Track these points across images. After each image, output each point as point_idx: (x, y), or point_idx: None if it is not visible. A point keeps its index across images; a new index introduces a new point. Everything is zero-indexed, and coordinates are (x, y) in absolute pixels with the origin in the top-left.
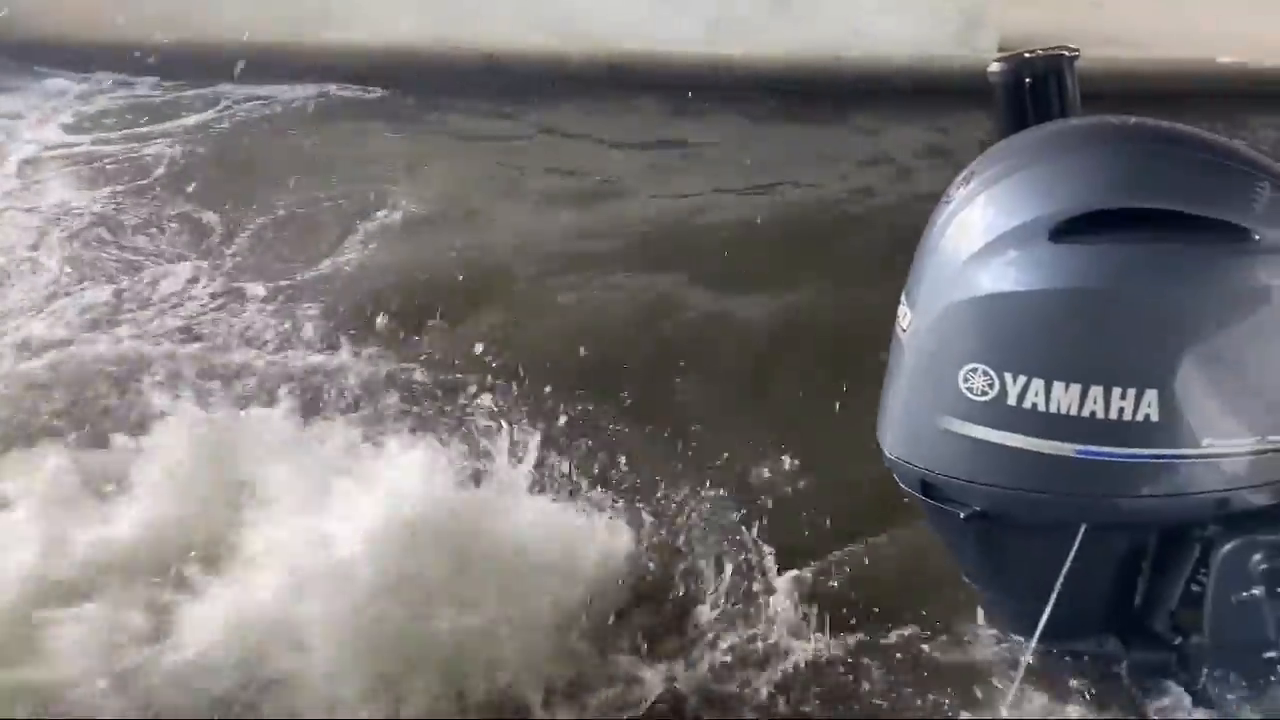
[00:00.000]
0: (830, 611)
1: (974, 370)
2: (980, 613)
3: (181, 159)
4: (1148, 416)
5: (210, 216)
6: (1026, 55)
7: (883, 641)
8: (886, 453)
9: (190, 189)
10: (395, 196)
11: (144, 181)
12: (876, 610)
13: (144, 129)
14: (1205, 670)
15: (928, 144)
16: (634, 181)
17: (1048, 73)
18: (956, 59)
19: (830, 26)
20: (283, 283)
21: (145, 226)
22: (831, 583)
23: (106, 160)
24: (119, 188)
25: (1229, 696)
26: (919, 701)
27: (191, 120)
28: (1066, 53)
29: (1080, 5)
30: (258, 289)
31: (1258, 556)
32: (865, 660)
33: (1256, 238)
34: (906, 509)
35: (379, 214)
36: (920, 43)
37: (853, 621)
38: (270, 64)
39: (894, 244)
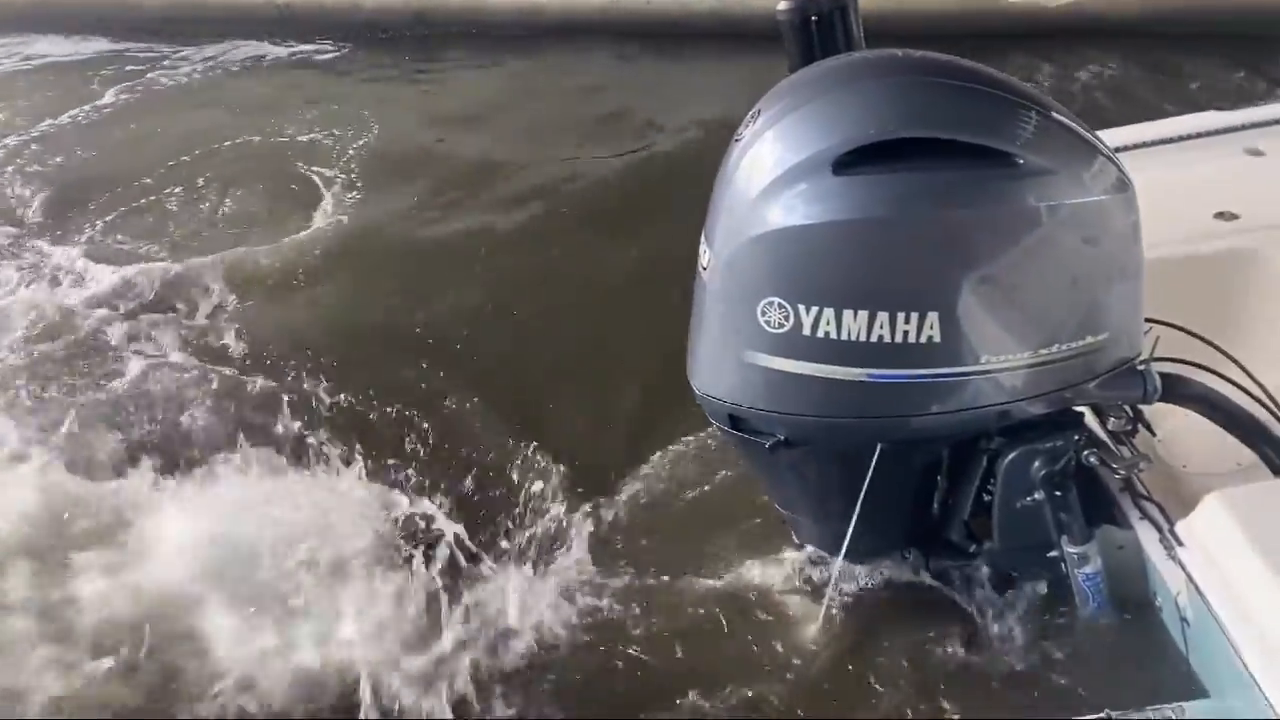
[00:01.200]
0: (646, 548)
1: (770, 304)
2: (793, 537)
3: None
4: (930, 338)
5: None
6: None
7: (701, 571)
8: (695, 390)
9: None
10: None
11: None
12: (693, 543)
13: None
14: (998, 572)
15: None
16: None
17: (832, 11)
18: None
19: None
20: None
21: None
22: (647, 519)
23: None
24: None
25: (1018, 594)
26: (738, 625)
27: None
28: None
29: None
30: None
31: (1037, 464)
32: (684, 591)
33: (1021, 162)
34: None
35: None
36: None
37: (670, 555)
38: None
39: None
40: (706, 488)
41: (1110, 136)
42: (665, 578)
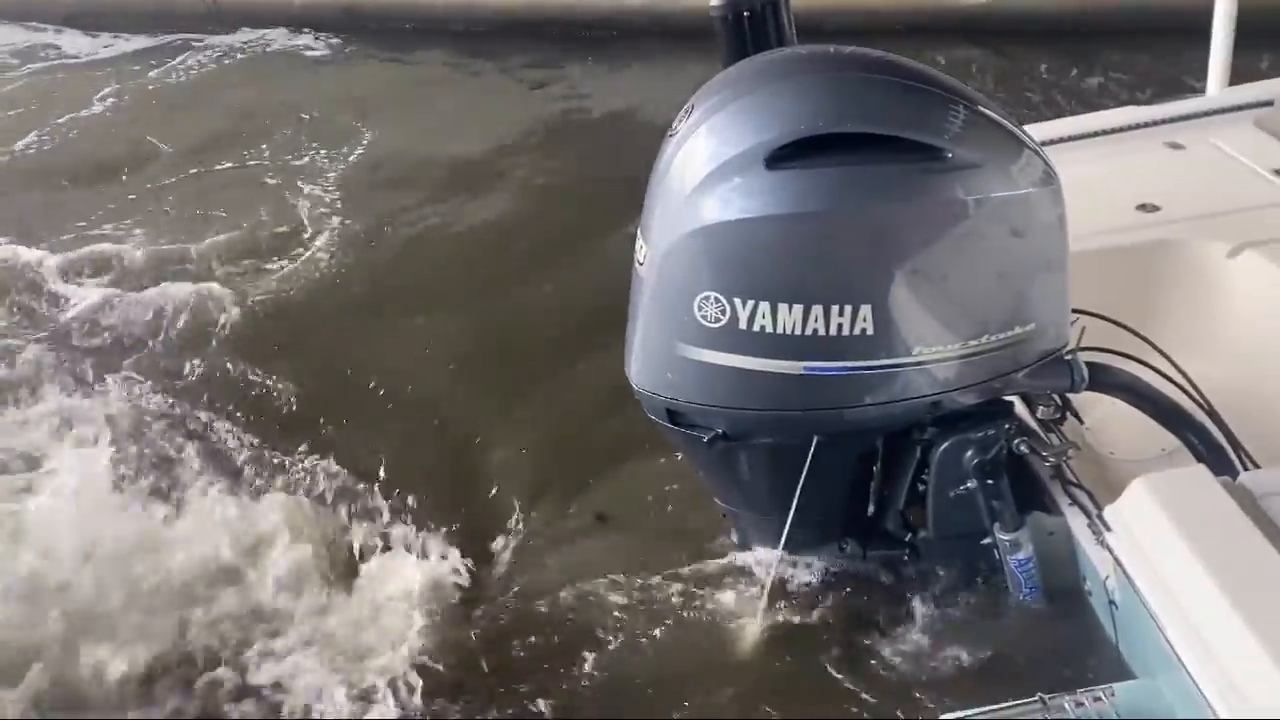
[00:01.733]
0: (583, 545)
1: (707, 298)
2: (732, 530)
3: None
4: (864, 330)
5: None
6: None
7: (641, 567)
8: (633, 385)
9: None
10: None
11: None
12: (632, 538)
13: None
14: (933, 560)
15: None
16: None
17: (764, 7)
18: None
19: None
20: None
21: None
22: (585, 518)
23: None
24: None
25: (953, 582)
26: (679, 619)
27: None
28: None
29: None
30: None
31: (969, 453)
32: (624, 586)
33: (950, 156)
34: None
35: None
36: None
37: (609, 551)
38: None
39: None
40: (645, 484)
41: (1036, 131)
42: (605, 574)
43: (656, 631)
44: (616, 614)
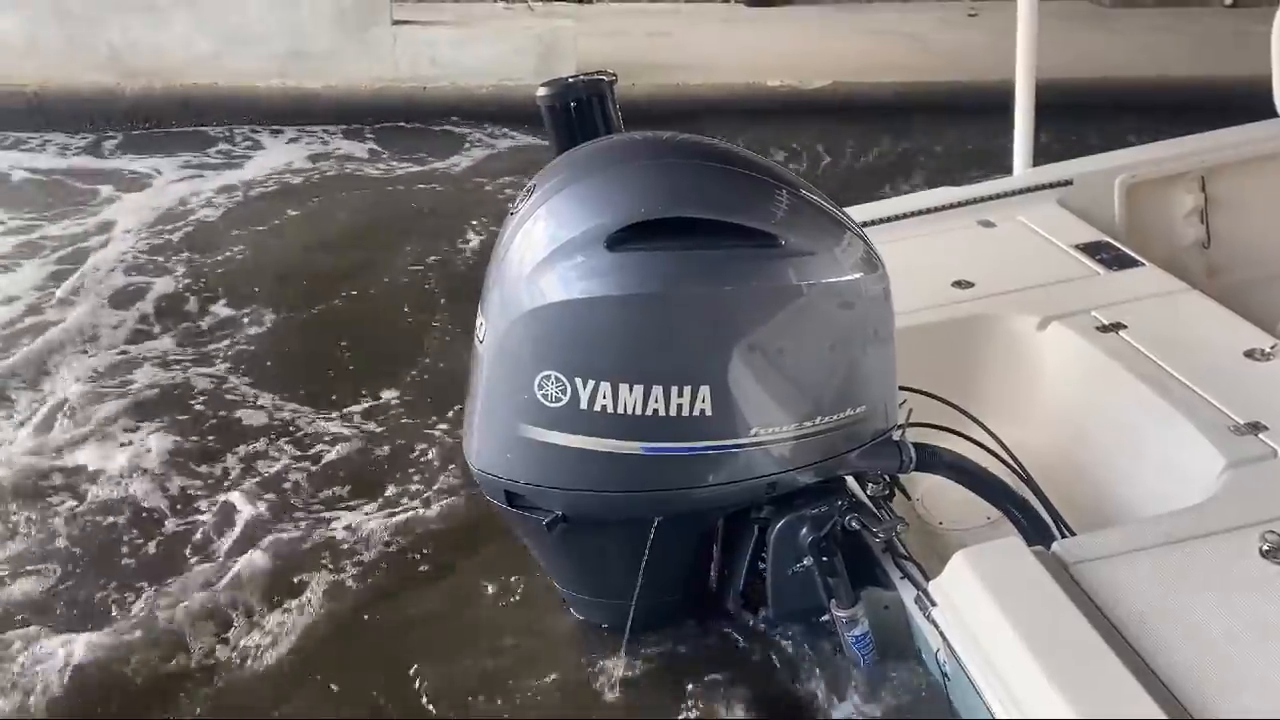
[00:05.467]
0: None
1: (547, 377)
2: (573, 613)
3: None
4: (703, 411)
5: None
6: (569, 80)
7: (481, 651)
8: (472, 466)
9: None
10: None
11: None
12: (473, 625)
13: None
14: (774, 638)
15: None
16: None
17: (590, 96)
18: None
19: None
20: None
21: None
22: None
23: None
24: None
25: (795, 658)
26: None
27: None
28: (606, 77)
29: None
30: None
31: (804, 530)
32: (465, 673)
33: (782, 243)
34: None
35: None
36: (502, 74)
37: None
38: None
39: None
40: (485, 568)
41: (858, 212)
42: (446, 660)
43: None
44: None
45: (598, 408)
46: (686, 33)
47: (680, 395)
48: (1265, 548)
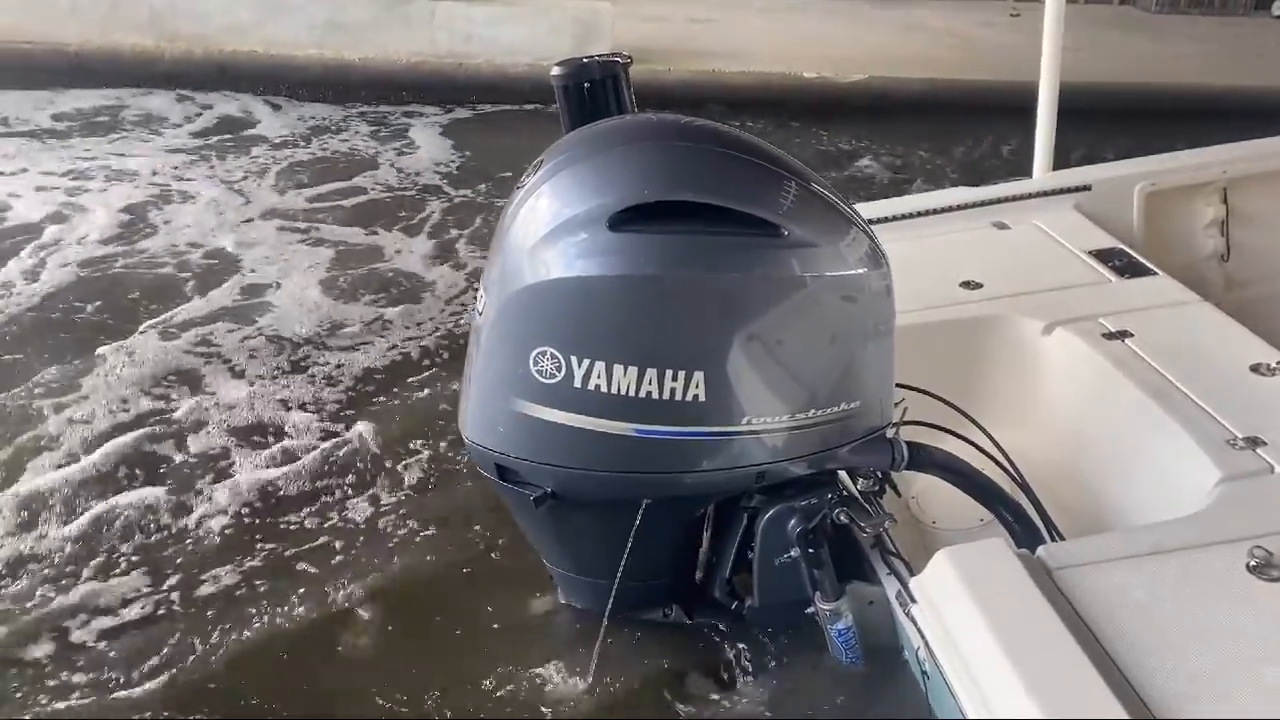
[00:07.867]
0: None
1: (543, 353)
2: (558, 591)
3: None
4: (696, 397)
5: None
6: (584, 61)
7: (465, 628)
8: (465, 437)
9: None
10: None
11: None
12: (454, 596)
13: None
14: (759, 628)
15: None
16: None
17: (604, 76)
18: None
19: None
20: None
21: None
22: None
23: None
24: None
25: (779, 650)
26: (505, 680)
27: None
28: (621, 59)
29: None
30: None
31: (793, 522)
32: (448, 648)
33: (785, 233)
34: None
35: None
36: (537, 53)
37: (433, 610)
38: None
39: None
40: (473, 540)
41: (870, 209)
42: (429, 635)
43: (474, 693)
44: (434, 673)
45: (591, 386)
46: (728, 20)
47: (675, 379)
48: (1253, 563)
